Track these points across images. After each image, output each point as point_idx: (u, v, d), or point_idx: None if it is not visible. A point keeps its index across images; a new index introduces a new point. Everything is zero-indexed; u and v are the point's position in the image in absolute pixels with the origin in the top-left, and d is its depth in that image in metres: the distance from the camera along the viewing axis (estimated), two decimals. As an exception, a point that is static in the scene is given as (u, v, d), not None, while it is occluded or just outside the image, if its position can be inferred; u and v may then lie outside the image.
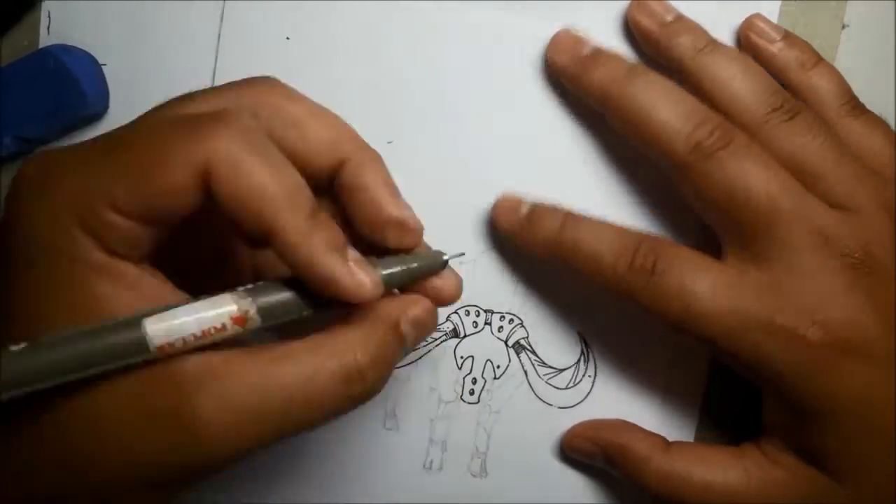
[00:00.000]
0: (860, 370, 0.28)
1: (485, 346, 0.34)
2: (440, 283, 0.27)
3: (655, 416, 0.34)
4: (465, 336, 0.34)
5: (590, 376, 0.34)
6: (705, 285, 0.28)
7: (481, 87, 0.33)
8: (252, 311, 0.23)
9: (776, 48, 0.32)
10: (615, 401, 0.34)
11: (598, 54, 0.31)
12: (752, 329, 0.28)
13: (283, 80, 0.26)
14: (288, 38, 0.34)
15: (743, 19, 0.32)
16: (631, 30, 0.32)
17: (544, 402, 0.34)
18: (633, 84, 0.30)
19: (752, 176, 0.28)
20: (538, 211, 0.32)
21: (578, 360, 0.34)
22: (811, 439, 0.29)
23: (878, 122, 0.32)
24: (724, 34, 0.33)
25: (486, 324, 0.34)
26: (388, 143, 0.34)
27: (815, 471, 0.29)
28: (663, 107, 0.29)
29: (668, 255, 0.29)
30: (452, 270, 0.27)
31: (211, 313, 0.23)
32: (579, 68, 0.31)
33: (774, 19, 0.33)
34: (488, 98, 0.33)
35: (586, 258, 0.30)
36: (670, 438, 0.33)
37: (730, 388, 0.33)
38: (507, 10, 0.33)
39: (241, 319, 0.23)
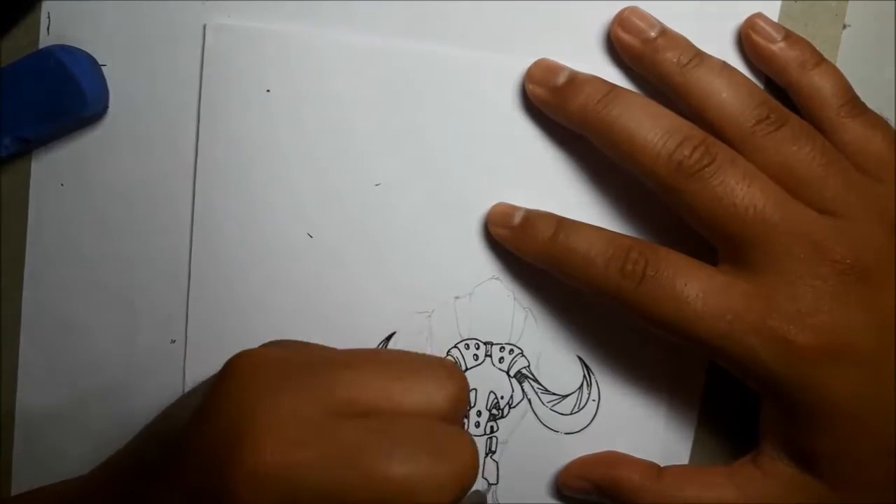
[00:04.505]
0: (850, 373, 0.28)
1: (487, 378, 0.34)
2: None
3: (659, 432, 0.34)
4: (466, 370, 0.34)
5: (594, 400, 0.34)
6: (696, 289, 0.28)
7: (466, 124, 0.33)
8: None
9: (777, 48, 0.31)
10: (620, 422, 0.34)
11: (573, 81, 0.31)
12: (743, 332, 0.28)
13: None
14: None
15: (743, 19, 0.31)
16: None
17: (550, 428, 0.34)
18: (611, 108, 0.30)
19: (736, 192, 0.28)
20: (531, 217, 0.32)
21: (581, 385, 0.34)
22: (805, 442, 0.29)
23: (878, 121, 0.31)
24: (724, 34, 0.32)
25: (486, 356, 0.34)
26: (376, 185, 0.33)
27: (811, 479, 0.29)
28: (643, 128, 0.29)
29: (658, 259, 0.29)
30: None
31: None
32: (557, 98, 0.31)
33: (775, 19, 0.32)
34: (474, 135, 0.33)
35: (578, 263, 0.30)
36: (671, 451, 0.33)
37: (728, 396, 0.33)
38: (486, 48, 0.32)
39: None
